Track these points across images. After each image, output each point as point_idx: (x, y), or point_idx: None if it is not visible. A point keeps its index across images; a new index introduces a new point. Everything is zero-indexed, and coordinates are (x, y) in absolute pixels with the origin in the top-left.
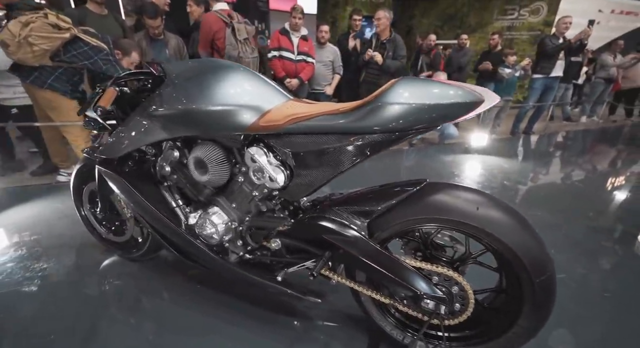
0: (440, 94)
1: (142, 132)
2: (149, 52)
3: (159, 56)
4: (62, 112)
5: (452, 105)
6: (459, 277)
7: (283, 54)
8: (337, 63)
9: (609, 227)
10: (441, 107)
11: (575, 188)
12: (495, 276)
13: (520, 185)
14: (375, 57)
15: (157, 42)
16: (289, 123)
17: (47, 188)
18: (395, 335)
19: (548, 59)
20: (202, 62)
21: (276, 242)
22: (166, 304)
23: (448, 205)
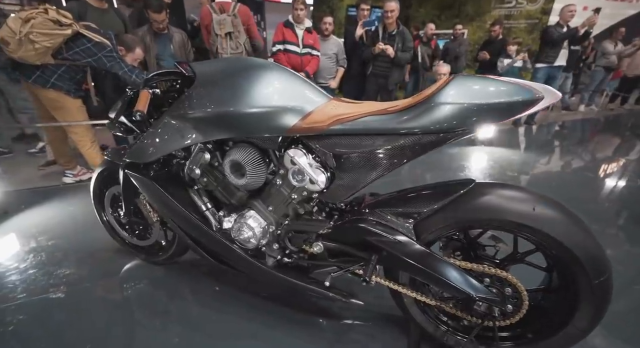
0: (498, 92)
1: (174, 135)
2: (153, 47)
3: (163, 52)
4: (67, 111)
5: (511, 103)
6: (513, 278)
7: (288, 48)
8: (340, 55)
9: (612, 215)
10: (499, 105)
11: (579, 176)
12: (539, 276)
13: (527, 175)
14: (387, 50)
15: (161, 36)
16: (333, 124)
17: (55, 190)
18: (438, 336)
19: (552, 48)
20: (234, 60)
21: (318, 246)
22: (197, 308)
23: (503, 206)
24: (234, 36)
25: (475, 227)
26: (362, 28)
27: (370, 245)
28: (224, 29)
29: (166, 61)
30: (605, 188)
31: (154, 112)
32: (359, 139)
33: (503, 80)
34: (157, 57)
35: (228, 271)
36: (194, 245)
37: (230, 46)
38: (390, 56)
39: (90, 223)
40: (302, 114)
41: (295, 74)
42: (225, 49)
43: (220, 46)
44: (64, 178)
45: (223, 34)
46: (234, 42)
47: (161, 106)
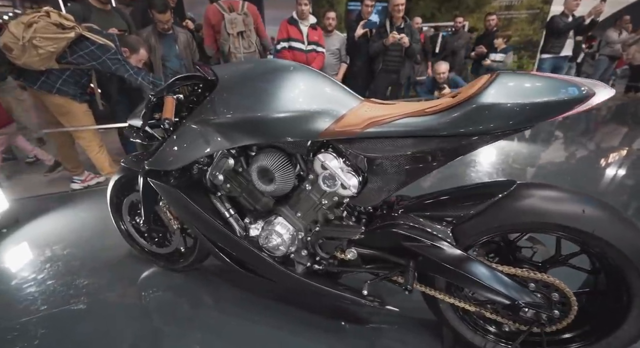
0: (546, 89)
1: (199, 142)
2: (159, 48)
3: (169, 53)
4: (73, 116)
5: (559, 102)
6: (561, 283)
7: (293, 45)
8: (343, 51)
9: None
10: (547, 104)
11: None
12: (580, 278)
13: (542, 168)
14: (403, 39)
15: (166, 37)
16: (368, 126)
17: (64, 197)
18: (477, 343)
19: (557, 38)
20: (259, 62)
21: (352, 252)
22: (221, 315)
23: (550, 209)
24: (246, 35)
25: (518, 230)
26: (362, 28)
27: (407, 250)
28: (235, 28)
29: (172, 62)
30: (612, 178)
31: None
32: (395, 142)
33: (549, 77)
34: (162, 58)
35: (250, 277)
36: (218, 252)
37: (243, 45)
38: (405, 45)
39: (104, 230)
40: (336, 117)
41: (325, 75)
42: (238, 49)
43: (232, 46)
44: (72, 185)
45: (235, 33)
46: (246, 41)
47: (179, 111)
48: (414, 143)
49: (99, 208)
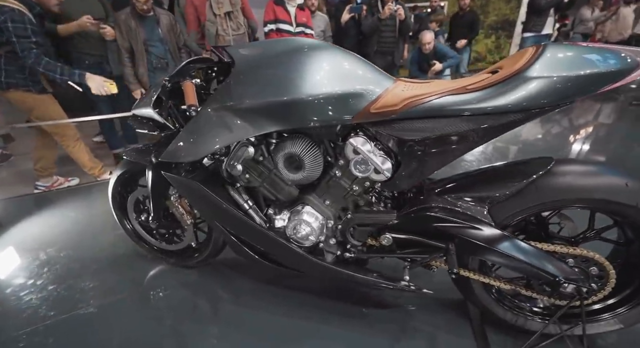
0: (596, 60)
1: (221, 130)
2: (140, 31)
3: (151, 36)
4: (40, 110)
5: (609, 73)
6: (601, 257)
7: (280, 27)
8: (328, 33)
9: None
10: (596, 76)
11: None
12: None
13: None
14: (399, 11)
15: (147, 19)
16: (407, 107)
17: (45, 196)
18: (509, 319)
19: (539, 17)
20: (279, 41)
21: (387, 238)
22: (243, 309)
23: (592, 184)
24: (234, 16)
25: (559, 207)
26: (348, 13)
27: (444, 233)
28: (222, 8)
29: (155, 47)
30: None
31: (179, 104)
32: (435, 121)
33: (596, 48)
34: (145, 43)
35: (267, 269)
36: (241, 246)
37: (232, 27)
38: (400, 18)
39: (99, 229)
40: (371, 98)
41: (353, 54)
42: (226, 31)
43: (220, 27)
44: (35, 190)
45: (222, 13)
46: (234, 22)
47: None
48: (455, 122)
49: (89, 206)
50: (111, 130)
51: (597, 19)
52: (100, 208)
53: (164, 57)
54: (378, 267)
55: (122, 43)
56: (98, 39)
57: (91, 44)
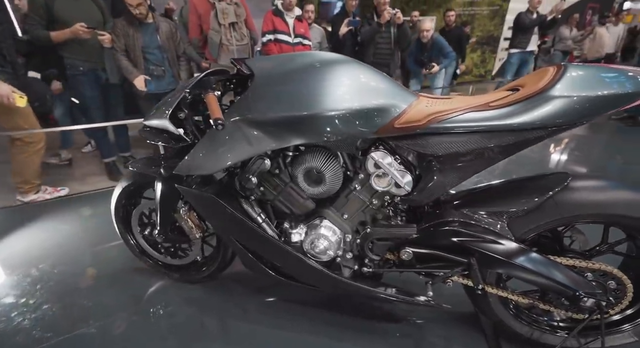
0: (612, 82)
1: (241, 143)
2: (138, 38)
3: (149, 43)
4: (9, 116)
5: (625, 94)
6: (619, 271)
7: (279, 37)
8: (324, 45)
9: None
10: (614, 96)
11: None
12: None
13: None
14: (398, 14)
15: (145, 26)
16: (431, 122)
17: (31, 209)
18: (524, 333)
19: (524, 34)
20: (299, 55)
21: (407, 253)
22: (257, 326)
23: (612, 200)
24: (238, 27)
25: (576, 222)
26: (346, 26)
27: (465, 248)
28: (227, 18)
29: (153, 54)
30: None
31: (190, 117)
32: (457, 137)
33: (613, 69)
34: (143, 50)
35: (276, 284)
36: (254, 260)
37: (235, 37)
38: (399, 21)
39: (93, 242)
40: (396, 113)
41: (376, 69)
42: (230, 41)
43: (225, 37)
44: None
45: (227, 24)
46: (238, 33)
47: (204, 110)
48: (478, 138)
49: (81, 218)
50: (104, 139)
51: (574, 37)
52: (94, 220)
53: (161, 65)
54: (395, 282)
55: (118, 46)
56: (94, 46)
57: (86, 50)
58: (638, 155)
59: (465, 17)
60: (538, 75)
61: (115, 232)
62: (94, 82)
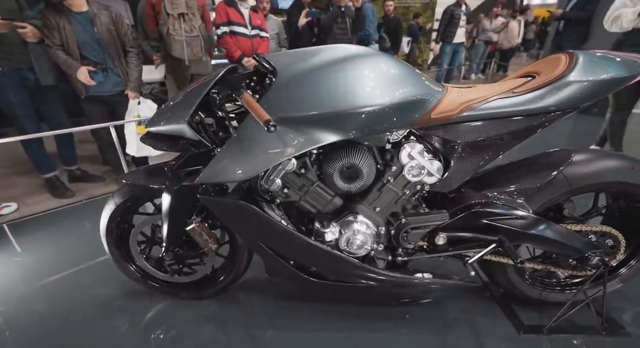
0: (614, 66)
1: (274, 145)
2: (70, 31)
3: (84, 37)
4: None
5: (626, 77)
6: (615, 230)
7: (235, 29)
8: (282, 36)
9: None
10: (618, 79)
11: None
12: None
13: None
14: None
15: (78, 17)
16: (463, 111)
17: None
18: (534, 295)
19: (453, 27)
20: (324, 49)
21: (442, 238)
22: (283, 332)
23: (611, 170)
24: (188, 18)
25: (583, 192)
26: (305, 17)
27: (493, 227)
28: (177, 9)
29: (93, 50)
30: None
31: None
32: (486, 124)
33: (613, 54)
34: (78, 45)
35: (287, 285)
36: (285, 264)
37: (185, 29)
38: (357, 4)
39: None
40: (432, 104)
41: (402, 61)
42: (177, 31)
43: (172, 27)
44: None
45: (176, 14)
46: (187, 24)
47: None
48: (505, 123)
49: (40, 242)
50: (38, 151)
51: (494, 29)
52: (58, 245)
53: (102, 63)
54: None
55: (52, 42)
56: (14, 41)
57: (4, 47)
58: (582, 140)
59: (401, 9)
60: (551, 62)
61: (73, 258)
62: (19, 84)
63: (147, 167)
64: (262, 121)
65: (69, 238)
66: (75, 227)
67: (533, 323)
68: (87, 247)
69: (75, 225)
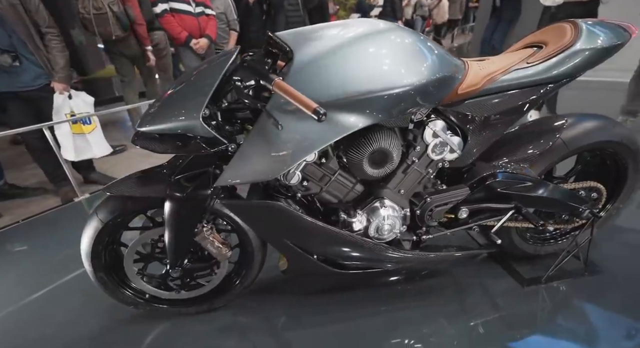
0: (609, 34)
1: (303, 136)
2: None
3: None
4: None
5: (620, 44)
6: (598, 184)
7: (175, 7)
8: (230, 16)
9: None
10: (614, 46)
11: None
12: None
13: None
14: None
15: None
16: (486, 84)
17: None
18: (530, 251)
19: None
20: (342, 25)
21: (465, 211)
22: (308, 329)
23: (597, 132)
24: None
25: (577, 153)
26: None
27: (508, 194)
28: None
29: None
30: None
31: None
32: (502, 95)
33: (606, 23)
34: None
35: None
36: (314, 260)
37: (94, 6)
38: None
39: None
40: (459, 80)
41: (424, 36)
42: (86, 9)
43: (81, 5)
44: None
45: None
46: (98, 1)
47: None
48: (520, 94)
49: None
50: None
51: (430, 5)
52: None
53: (10, 49)
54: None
55: None
56: None
57: None
58: None
59: None
60: (557, 31)
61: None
62: None
63: (134, 174)
64: (309, 110)
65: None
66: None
67: (532, 276)
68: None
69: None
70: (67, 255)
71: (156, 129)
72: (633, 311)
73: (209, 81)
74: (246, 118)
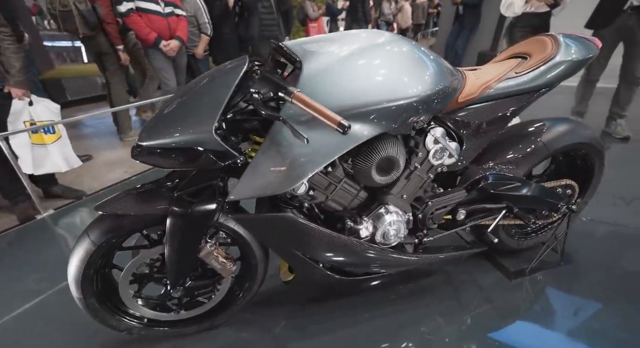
0: (582, 47)
1: (318, 147)
2: None
3: None
4: None
5: (591, 57)
6: (572, 181)
7: (142, 6)
8: (201, 19)
9: None
10: (587, 59)
11: None
12: None
13: None
14: None
15: None
16: (482, 93)
17: None
18: (515, 246)
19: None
20: (348, 35)
21: (463, 213)
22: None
23: (575, 133)
24: None
25: (555, 154)
26: None
27: (500, 195)
28: None
29: None
30: None
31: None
32: (495, 103)
33: (581, 38)
34: None
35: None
36: (322, 270)
37: (60, 3)
38: None
39: None
40: (459, 89)
41: (423, 46)
42: (54, 4)
43: (48, 1)
44: None
45: None
46: None
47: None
48: (510, 102)
49: None
50: None
51: (392, 12)
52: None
53: None
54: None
55: None
56: None
57: None
58: None
59: None
60: (538, 43)
61: None
62: None
63: (130, 191)
64: (334, 124)
65: None
66: None
67: (517, 269)
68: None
69: None
70: (35, 280)
71: (162, 143)
72: (602, 296)
73: (222, 92)
74: (252, 128)
